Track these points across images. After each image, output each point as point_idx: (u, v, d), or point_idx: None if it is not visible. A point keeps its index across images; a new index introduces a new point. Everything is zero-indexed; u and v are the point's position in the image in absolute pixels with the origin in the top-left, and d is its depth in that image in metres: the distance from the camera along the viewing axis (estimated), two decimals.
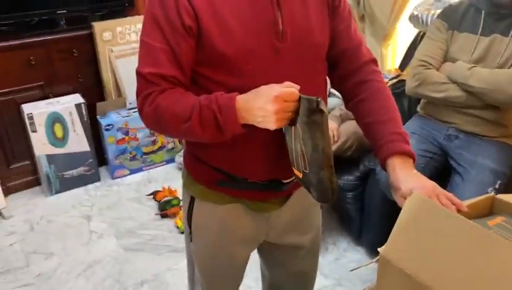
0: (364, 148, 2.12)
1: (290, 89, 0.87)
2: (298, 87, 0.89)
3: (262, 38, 0.93)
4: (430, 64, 1.82)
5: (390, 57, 3.06)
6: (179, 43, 0.91)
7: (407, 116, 2.11)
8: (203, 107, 0.89)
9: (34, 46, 2.57)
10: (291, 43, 0.96)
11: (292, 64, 0.97)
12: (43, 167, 2.67)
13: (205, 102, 0.90)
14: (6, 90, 2.55)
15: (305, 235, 1.24)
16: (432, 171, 1.79)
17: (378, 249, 0.85)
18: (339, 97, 2.20)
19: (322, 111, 0.86)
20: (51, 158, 2.67)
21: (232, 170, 1.04)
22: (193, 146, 1.09)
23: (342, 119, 2.11)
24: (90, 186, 2.81)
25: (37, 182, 2.80)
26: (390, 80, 2.28)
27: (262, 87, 0.88)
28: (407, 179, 0.94)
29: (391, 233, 0.84)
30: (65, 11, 2.67)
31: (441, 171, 1.84)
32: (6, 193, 2.63)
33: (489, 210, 0.98)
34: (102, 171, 2.96)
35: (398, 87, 2.19)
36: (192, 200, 1.14)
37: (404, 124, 1.12)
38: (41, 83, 2.66)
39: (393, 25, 2.90)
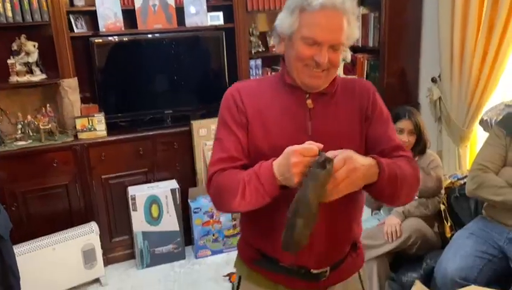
0: (429, 245, 2.16)
1: (308, 145, 1.01)
2: (321, 146, 1.00)
3: (294, 141, 1.12)
4: (489, 168, 1.89)
5: (468, 158, 3.08)
6: (242, 134, 1.19)
7: (473, 217, 2.13)
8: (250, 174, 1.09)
9: (143, 139, 3.09)
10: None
11: None
12: (139, 242, 3.05)
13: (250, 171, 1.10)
14: (118, 174, 3.05)
15: None
16: (490, 274, 1.79)
17: None
18: None
19: (324, 166, 0.94)
20: (145, 235, 3.05)
21: (266, 249, 1.23)
22: (244, 231, 1.32)
23: (405, 216, 2.19)
24: (175, 263, 3.10)
25: (131, 256, 3.18)
26: (458, 179, 2.34)
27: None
28: None
29: None
30: (171, 111, 3.22)
31: (500, 275, 1.81)
32: (106, 263, 3.03)
33: None
34: (188, 250, 3.25)
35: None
36: (239, 279, 1.34)
37: None
38: (146, 169, 3.13)
39: (469, 127, 2.97)
